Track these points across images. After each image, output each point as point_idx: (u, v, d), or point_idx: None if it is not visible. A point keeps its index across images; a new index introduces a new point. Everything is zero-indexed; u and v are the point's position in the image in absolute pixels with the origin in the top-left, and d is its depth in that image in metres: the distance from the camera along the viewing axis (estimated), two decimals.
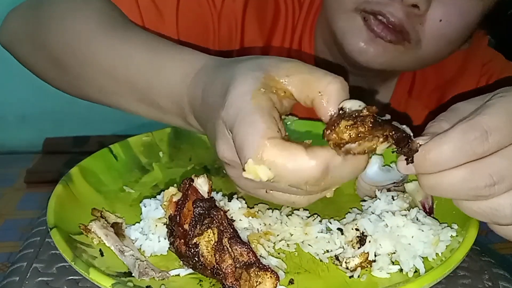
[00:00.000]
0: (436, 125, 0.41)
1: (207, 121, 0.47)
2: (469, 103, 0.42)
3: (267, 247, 0.48)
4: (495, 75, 0.80)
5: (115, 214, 0.52)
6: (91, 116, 2.84)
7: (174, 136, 0.69)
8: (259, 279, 0.40)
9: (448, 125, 0.40)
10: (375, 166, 0.60)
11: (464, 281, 0.48)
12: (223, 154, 0.43)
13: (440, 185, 0.39)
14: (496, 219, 0.39)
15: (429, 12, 0.63)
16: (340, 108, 0.40)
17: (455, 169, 0.38)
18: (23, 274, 0.47)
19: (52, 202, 0.50)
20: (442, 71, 0.81)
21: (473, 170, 0.37)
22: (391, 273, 0.45)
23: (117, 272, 0.44)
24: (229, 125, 0.40)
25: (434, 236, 0.46)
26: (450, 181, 0.38)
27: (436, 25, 0.64)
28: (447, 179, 0.38)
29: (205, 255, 0.43)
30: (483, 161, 0.37)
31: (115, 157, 0.63)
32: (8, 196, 2.35)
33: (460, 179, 0.38)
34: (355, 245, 0.47)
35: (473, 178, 0.37)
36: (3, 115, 2.78)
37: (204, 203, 0.45)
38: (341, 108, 0.40)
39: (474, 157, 0.37)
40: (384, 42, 0.65)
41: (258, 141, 0.37)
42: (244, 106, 0.39)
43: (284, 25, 0.77)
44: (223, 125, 0.42)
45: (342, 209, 0.54)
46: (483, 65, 0.81)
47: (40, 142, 2.74)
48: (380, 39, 0.65)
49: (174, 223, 0.46)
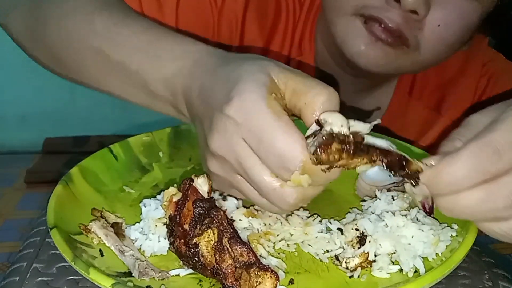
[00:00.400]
0: (449, 144, 0.40)
1: (202, 114, 0.47)
2: (482, 115, 0.41)
3: (267, 247, 0.48)
4: (495, 75, 0.80)
5: (115, 214, 0.52)
6: (91, 116, 2.85)
7: (174, 136, 0.69)
8: (259, 279, 0.40)
9: (462, 144, 0.39)
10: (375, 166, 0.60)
11: (464, 281, 0.48)
12: (216, 148, 0.44)
13: (457, 207, 0.38)
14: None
15: (427, 17, 0.63)
16: (317, 120, 0.41)
17: (471, 190, 0.37)
18: (23, 274, 0.47)
19: (52, 202, 0.50)
20: (443, 71, 0.81)
21: (490, 192, 0.36)
22: (391, 273, 0.45)
23: (117, 272, 0.44)
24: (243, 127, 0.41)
25: (434, 236, 0.46)
26: (466, 203, 0.37)
27: (435, 29, 0.64)
28: (463, 201, 0.37)
29: (205, 255, 0.43)
30: (499, 181, 0.36)
31: (115, 157, 0.63)
32: (8, 196, 2.36)
33: (477, 200, 0.37)
34: (355, 245, 0.47)
35: (490, 199, 0.36)
36: (3, 115, 2.78)
37: (204, 203, 0.45)
38: (317, 120, 0.41)
39: (488, 175, 0.36)
40: (384, 46, 0.65)
41: (300, 155, 0.40)
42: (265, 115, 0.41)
43: (284, 26, 0.77)
44: (226, 122, 0.42)
45: (342, 209, 0.54)
46: (483, 65, 0.81)
47: (40, 142, 2.74)
48: (380, 42, 0.65)
49: (174, 223, 0.46)
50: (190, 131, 0.71)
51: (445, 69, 0.81)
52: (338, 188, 0.60)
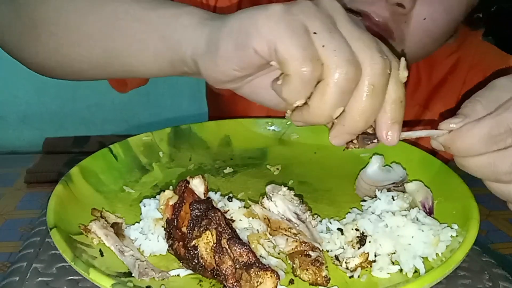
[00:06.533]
0: (470, 106, 0.43)
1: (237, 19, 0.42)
2: (507, 80, 0.44)
3: (267, 247, 0.48)
4: (486, 70, 0.80)
5: (115, 214, 0.51)
6: (91, 116, 2.85)
7: (174, 136, 0.69)
8: (259, 279, 0.40)
9: (482, 108, 0.43)
10: (375, 165, 0.60)
11: (464, 281, 0.48)
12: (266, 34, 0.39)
13: (468, 166, 0.43)
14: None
15: (413, 10, 0.63)
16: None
17: (483, 156, 0.42)
18: (23, 274, 0.47)
19: (52, 202, 0.50)
20: (435, 71, 0.82)
21: (496, 159, 0.42)
22: (391, 273, 0.45)
23: (117, 272, 0.44)
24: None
25: (434, 236, 0.46)
26: (476, 164, 0.43)
27: (420, 23, 0.64)
28: (474, 163, 0.43)
29: (205, 257, 0.43)
30: (506, 151, 0.42)
31: (115, 157, 0.63)
32: (8, 196, 2.36)
33: (485, 164, 0.42)
34: (355, 245, 0.47)
35: (496, 164, 0.42)
36: (3, 115, 2.78)
37: (201, 205, 0.45)
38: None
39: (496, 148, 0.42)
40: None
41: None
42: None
43: None
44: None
45: (342, 209, 0.54)
46: (471, 67, 0.81)
47: (40, 142, 2.74)
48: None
49: (172, 227, 0.45)
50: (190, 131, 0.71)
51: (437, 70, 0.82)
52: (338, 188, 0.61)
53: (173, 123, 0.73)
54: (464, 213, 0.49)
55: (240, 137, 0.72)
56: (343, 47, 0.39)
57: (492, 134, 0.41)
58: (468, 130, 0.42)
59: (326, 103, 0.39)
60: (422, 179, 0.57)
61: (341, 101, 0.39)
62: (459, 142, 0.42)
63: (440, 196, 0.54)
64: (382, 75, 0.39)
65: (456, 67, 0.82)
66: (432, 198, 0.54)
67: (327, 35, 0.39)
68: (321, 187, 0.61)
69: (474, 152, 0.42)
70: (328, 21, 0.40)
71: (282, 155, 0.69)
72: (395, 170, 0.60)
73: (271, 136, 0.73)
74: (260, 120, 0.74)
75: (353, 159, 0.66)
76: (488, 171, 0.42)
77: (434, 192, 0.55)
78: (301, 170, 0.65)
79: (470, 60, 0.82)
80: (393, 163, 0.61)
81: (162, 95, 2.81)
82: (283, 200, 0.51)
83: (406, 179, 0.58)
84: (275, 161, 0.68)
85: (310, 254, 0.45)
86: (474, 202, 0.50)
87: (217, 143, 0.71)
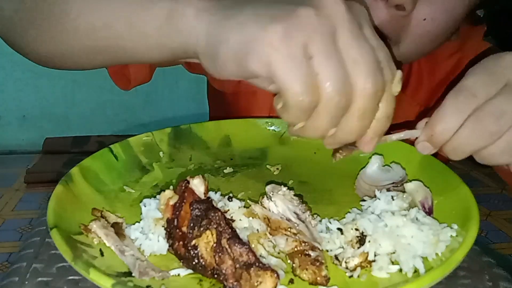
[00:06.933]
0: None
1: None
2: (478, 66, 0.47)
3: (267, 246, 0.48)
4: None
5: (115, 214, 0.52)
6: (91, 116, 2.85)
7: (174, 136, 0.69)
8: (259, 279, 0.40)
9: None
10: (375, 165, 0.60)
11: (464, 281, 0.48)
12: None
13: (458, 147, 0.44)
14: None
15: (413, 11, 0.62)
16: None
17: (462, 127, 0.43)
18: (23, 274, 0.47)
19: (52, 202, 0.50)
20: (437, 71, 0.82)
21: (476, 118, 0.43)
22: (391, 273, 0.45)
23: (117, 272, 0.44)
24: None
25: (434, 236, 0.46)
26: (463, 138, 0.44)
27: (419, 24, 0.63)
28: (459, 138, 0.44)
29: (205, 257, 0.43)
30: (480, 108, 0.43)
31: (115, 157, 0.63)
32: (8, 196, 2.36)
33: (470, 130, 0.43)
34: (355, 245, 0.47)
35: (479, 122, 0.43)
36: (3, 115, 2.78)
37: (201, 205, 0.45)
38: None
39: (469, 112, 0.43)
40: None
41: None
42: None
43: None
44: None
45: (342, 209, 0.54)
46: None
47: (40, 142, 2.74)
48: None
49: (172, 226, 0.46)
50: (190, 131, 0.71)
51: (439, 70, 0.81)
52: (338, 188, 0.61)
53: (173, 123, 0.73)
54: (464, 213, 0.49)
55: (240, 137, 0.72)
56: (337, 74, 0.39)
57: (457, 100, 0.43)
58: (438, 111, 0.44)
59: (319, 128, 0.42)
60: (421, 179, 0.57)
61: (333, 124, 0.42)
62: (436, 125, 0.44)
63: (440, 196, 0.54)
64: (373, 98, 0.41)
65: (458, 68, 0.82)
66: (432, 198, 0.54)
67: (323, 61, 0.39)
68: (321, 187, 0.61)
69: (453, 127, 0.43)
70: (328, 38, 0.40)
71: (282, 155, 0.69)
72: (395, 170, 0.60)
73: (271, 136, 0.73)
74: (260, 120, 0.74)
75: (353, 159, 0.66)
76: (477, 134, 0.43)
77: (433, 192, 0.55)
78: (301, 170, 0.66)
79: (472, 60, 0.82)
80: (393, 163, 0.61)
81: (162, 95, 2.81)
82: (283, 200, 0.51)
83: (405, 179, 0.58)
84: (275, 161, 0.68)
85: (310, 253, 0.45)
86: (474, 202, 0.50)
87: (217, 143, 0.71)
